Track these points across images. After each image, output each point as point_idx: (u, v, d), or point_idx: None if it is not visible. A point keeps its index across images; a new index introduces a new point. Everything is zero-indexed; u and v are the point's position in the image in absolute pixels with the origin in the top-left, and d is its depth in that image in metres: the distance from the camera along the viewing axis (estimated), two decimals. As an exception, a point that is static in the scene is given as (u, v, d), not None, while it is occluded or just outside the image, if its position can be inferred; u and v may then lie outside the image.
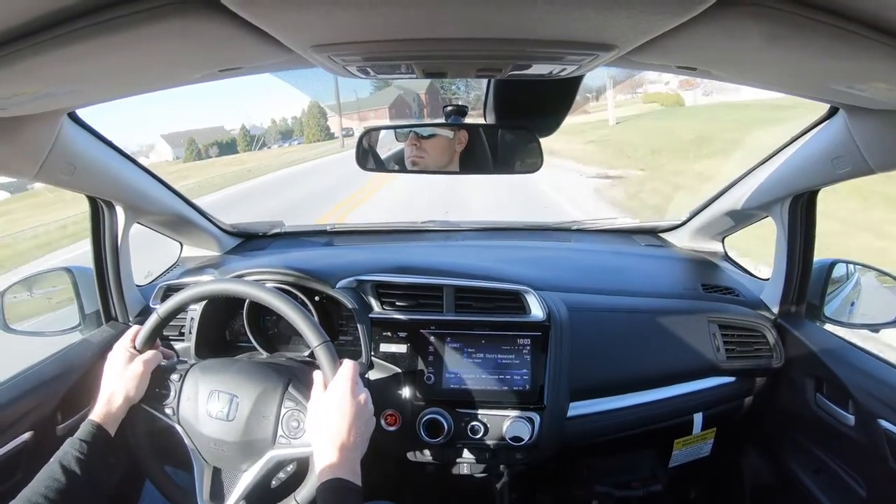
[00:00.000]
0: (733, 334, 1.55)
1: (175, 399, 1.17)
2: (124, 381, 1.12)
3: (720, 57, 0.81)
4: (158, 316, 1.15)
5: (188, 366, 1.21)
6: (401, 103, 62.38)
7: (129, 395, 1.11)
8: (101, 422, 1.07)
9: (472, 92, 14.74)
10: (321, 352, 1.07)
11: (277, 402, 1.13)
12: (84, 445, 1.02)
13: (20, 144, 1.06)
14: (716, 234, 1.93)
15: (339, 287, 1.47)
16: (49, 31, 0.59)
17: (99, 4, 0.57)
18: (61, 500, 0.95)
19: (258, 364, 1.23)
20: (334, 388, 1.02)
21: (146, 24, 0.59)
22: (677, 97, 34.44)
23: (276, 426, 1.12)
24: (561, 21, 0.64)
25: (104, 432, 1.06)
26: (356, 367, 1.07)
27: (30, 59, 0.63)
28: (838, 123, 1.16)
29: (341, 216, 10.51)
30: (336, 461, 0.95)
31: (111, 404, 1.10)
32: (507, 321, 1.42)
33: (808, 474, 1.49)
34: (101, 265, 1.55)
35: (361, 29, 0.66)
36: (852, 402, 1.33)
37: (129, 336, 1.18)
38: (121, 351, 1.16)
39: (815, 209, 1.48)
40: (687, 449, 1.64)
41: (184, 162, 64.07)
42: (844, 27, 0.60)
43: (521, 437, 1.37)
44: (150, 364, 1.15)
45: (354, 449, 0.99)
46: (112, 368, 1.14)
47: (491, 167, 1.39)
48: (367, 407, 1.04)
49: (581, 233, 2.17)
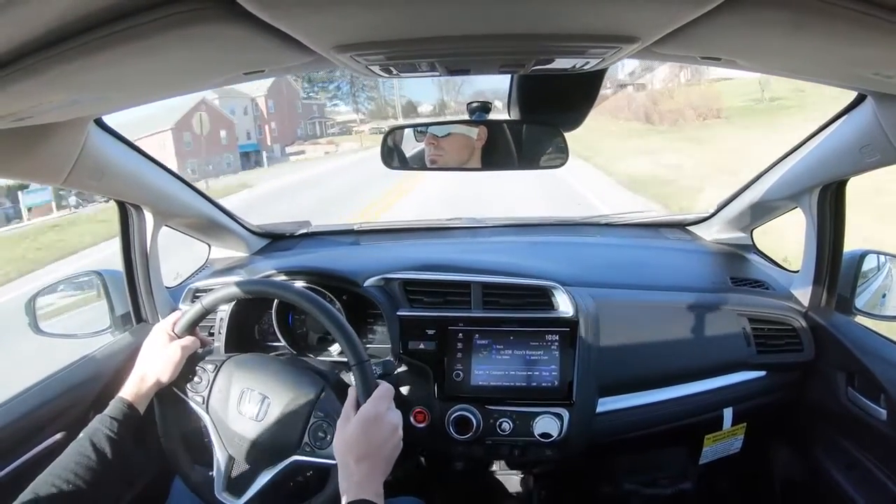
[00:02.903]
0: (763, 328, 1.53)
1: (207, 388, 1.18)
2: (159, 363, 1.13)
3: (744, 46, 0.80)
4: (203, 306, 1.16)
5: (224, 357, 1.22)
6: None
7: (162, 377, 1.12)
8: (132, 400, 1.08)
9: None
10: (358, 371, 1.06)
11: (308, 410, 1.13)
12: (114, 423, 1.03)
13: (49, 151, 1.08)
14: (744, 226, 1.90)
15: (366, 286, 1.48)
16: (73, 39, 0.60)
17: (123, 12, 0.57)
18: (90, 477, 0.96)
19: (293, 367, 1.23)
20: (367, 409, 1.01)
21: (170, 30, 0.59)
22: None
23: (303, 433, 1.12)
24: (583, 15, 0.64)
25: (134, 410, 1.07)
26: (391, 390, 1.06)
27: (56, 67, 0.63)
28: (866, 111, 1.14)
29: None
30: (362, 482, 0.94)
31: (143, 383, 1.11)
32: (535, 317, 1.42)
33: (840, 470, 1.47)
34: (130, 268, 1.57)
35: (383, 29, 0.67)
36: (885, 396, 1.30)
37: (171, 320, 1.19)
38: (161, 333, 1.16)
39: (845, 199, 1.45)
40: (717, 445, 1.63)
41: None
42: (869, 12, 0.59)
43: (550, 433, 1.37)
44: (188, 350, 1.16)
45: (379, 471, 0.98)
46: (149, 349, 1.15)
47: (515, 163, 1.38)
48: (397, 433, 1.03)
49: (608, 227, 2.15)
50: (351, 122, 63.16)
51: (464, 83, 57.81)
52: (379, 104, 68.01)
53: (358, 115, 61.43)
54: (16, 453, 1.19)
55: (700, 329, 1.51)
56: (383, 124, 56.43)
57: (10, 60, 0.62)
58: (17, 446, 1.20)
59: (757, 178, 1.67)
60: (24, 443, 1.22)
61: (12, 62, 0.62)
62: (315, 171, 27.90)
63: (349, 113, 63.88)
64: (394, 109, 66.53)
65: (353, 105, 66.24)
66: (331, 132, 59.41)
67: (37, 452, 1.23)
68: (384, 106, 67.17)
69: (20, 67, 0.63)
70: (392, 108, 67.09)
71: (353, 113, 65.13)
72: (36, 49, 0.61)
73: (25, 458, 1.21)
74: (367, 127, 59.28)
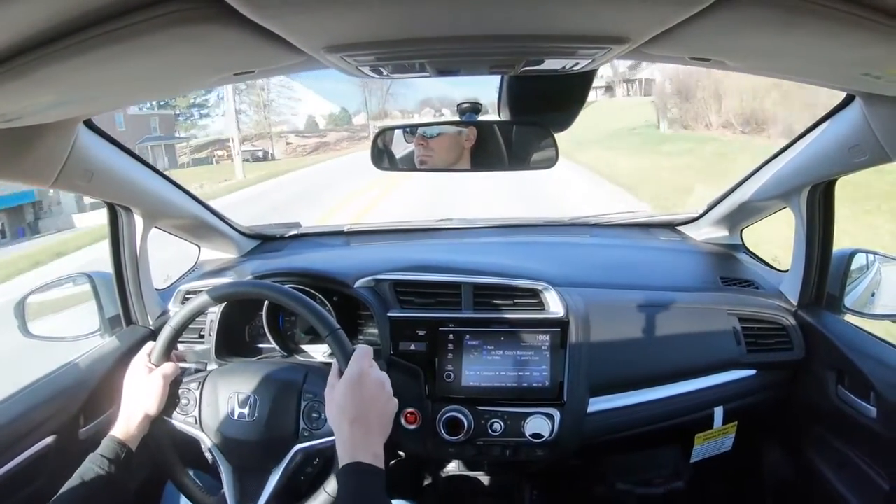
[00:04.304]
0: (753, 327, 1.54)
1: (196, 407, 1.18)
2: (144, 397, 1.13)
3: (734, 47, 0.80)
4: (172, 328, 1.16)
5: (205, 373, 1.23)
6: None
7: (150, 410, 1.13)
8: (123, 438, 1.08)
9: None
10: (332, 340, 1.07)
11: (296, 395, 1.15)
12: (106, 462, 1.04)
13: (38, 153, 1.08)
14: (733, 226, 1.91)
15: (357, 287, 1.48)
16: (63, 40, 0.59)
17: (112, 13, 0.57)
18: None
19: (274, 364, 1.25)
20: (351, 370, 1.01)
21: (159, 31, 0.59)
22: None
23: (298, 420, 1.13)
24: (573, 15, 0.64)
25: (126, 448, 1.08)
26: (369, 350, 1.06)
27: (45, 68, 0.63)
28: (854, 112, 1.15)
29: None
30: (356, 445, 0.94)
31: (132, 420, 1.11)
32: (526, 318, 1.42)
33: (830, 467, 1.47)
34: (120, 270, 1.56)
35: (373, 29, 0.66)
36: (874, 394, 1.31)
37: (146, 352, 1.19)
38: (139, 367, 1.17)
39: (833, 199, 1.46)
40: (708, 444, 1.63)
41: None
42: (860, 13, 0.59)
43: (542, 433, 1.37)
44: (169, 377, 1.16)
45: (374, 432, 0.97)
46: (131, 384, 1.15)
47: (505, 163, 1.38)
48: (385, 389, 1.03)
49: (598, 227, 2.16)
50: (225, 140, 41.80)
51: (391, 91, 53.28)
52: (260, 118, 49.83)
53: (237, 134, 32.68)
54: (5, 458, 1.18)
55: (690, 328, 1.52)
56: (259, 145, 45.61)
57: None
58: (5, 451, 1.19)
59: (746, 179, 1.68)
60: (13, 447, 1.21)
61: (1, 63, 0.62)
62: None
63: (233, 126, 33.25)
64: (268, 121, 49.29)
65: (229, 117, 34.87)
66: (187, 160, 42.71)
67: (27, 457, 1.22)
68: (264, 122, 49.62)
69: (9, 68, 0.62)
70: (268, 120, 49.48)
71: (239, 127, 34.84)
72: (25, 50, 0.61)
73: (15, 463, 1.20)
74: (246, 146, 41.51)
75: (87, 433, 1.37)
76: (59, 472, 1.25)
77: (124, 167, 1.40)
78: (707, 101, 20.92)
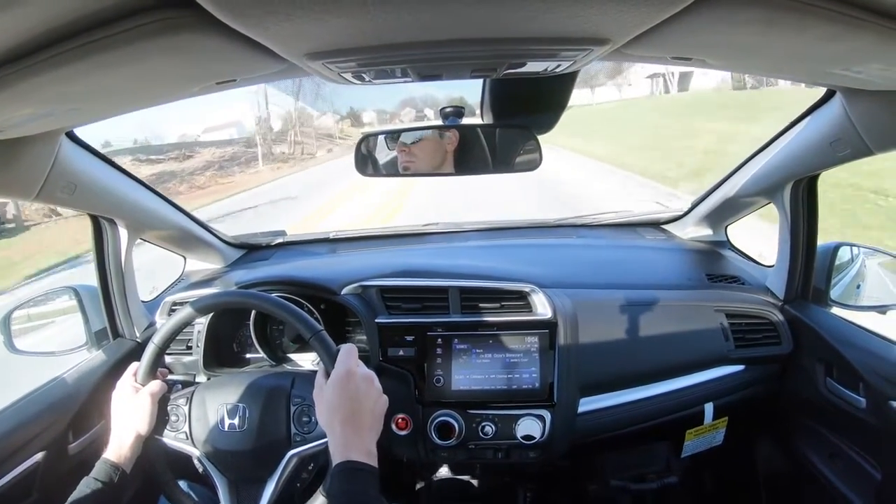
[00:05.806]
0: (741, 323, 1.55)
1: (186, 422, 1.17)
2: (133, 418, 1.12)
3: (715, 45, 0.80)
4: (155, 345, 1.15)
5: (192, 388, 1.22)
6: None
7: (140, 431, 1.11)
8: (116, 460, 1.07)
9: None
10: (316, 341, 1.06)
11: (285, 401, 1.15)
12: (99, 485, 1.03)
13: (20, 166, 1.06)
14: (718, 223, 1.92)
15: (343, 294, 1.47)
16: (42, 52, 0.59)
17: (93, 24, 0.56)
18: None
19: (260, 373, 1.24)
20: (337, 370, 1.01)
21: (139, 41, 0.58)
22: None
23: (289, 425, 1.13)
24: (553, 18, 0.64)
25: (120, 471, 1.07)
26: (354, 349, 1.05)
27: (25, 81, 0.62)
28: (835, 106, 1.16)
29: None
30: (348, 443, 0.93)
31: (124, 441, 1.10)
32: (514, 320, 1.43)
33: (822, 459, 1.49)
34: (105, 283, 1.54)
35: (354, 36, 0.66)
36: (863, 384, 1.32)
37: (131, 372, 1.18)
38: (126, 388, 1.15)
39: (817, 193, 1.47)
40: (699, 439, 1.64)
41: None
42: (839, 9, 0.59)
43: (533, 435, 1.37)
44: (156, 396, 1.15)
45: (366, 429, 0.97)
46: (119, 406, 1.14)
47: (489, 166, 1.38)
48: (374, 385, 1.02)
49: (584, 228, 2.17)
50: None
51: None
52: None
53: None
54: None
55: (678, 326, 1.53)
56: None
57: None
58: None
59: (729, 176, 1.69)
60: (2, 465, 1.20)
61: None
62: None
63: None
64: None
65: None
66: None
67: (17, 474, 1.21)
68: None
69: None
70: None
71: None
72: (4, 62, 0.60)
73: (6, 481, 1.19)
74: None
75: (76, 448, 1.36)
76: (50, 488, 1.25)
77: (108, 179, 1.39)
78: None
